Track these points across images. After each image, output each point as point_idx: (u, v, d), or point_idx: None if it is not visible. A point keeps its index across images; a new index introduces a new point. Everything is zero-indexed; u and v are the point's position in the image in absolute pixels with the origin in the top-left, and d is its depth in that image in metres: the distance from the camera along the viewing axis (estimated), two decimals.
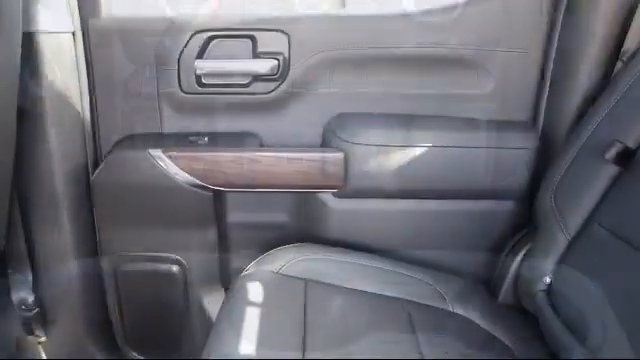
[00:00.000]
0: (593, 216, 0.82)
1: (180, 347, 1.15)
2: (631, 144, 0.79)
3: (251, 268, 0.91)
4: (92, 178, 1.01)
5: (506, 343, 0.84)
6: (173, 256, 1.06)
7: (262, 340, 0.73)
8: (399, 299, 0.88)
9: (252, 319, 0.78)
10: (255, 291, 0.84)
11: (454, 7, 0.98)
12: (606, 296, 0.73)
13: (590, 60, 0.92)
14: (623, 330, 0.67)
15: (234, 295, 0.85)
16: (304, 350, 0.72)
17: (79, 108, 1.00)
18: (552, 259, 0.86)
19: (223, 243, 1.07)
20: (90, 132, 1.03)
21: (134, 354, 1.18)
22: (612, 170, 0.80)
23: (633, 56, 0.86)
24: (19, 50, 0.78)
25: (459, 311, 0.89)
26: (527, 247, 0.94)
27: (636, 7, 0.86)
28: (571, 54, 0.94)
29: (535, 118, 1.03)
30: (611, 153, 0.79)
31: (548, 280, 0.86)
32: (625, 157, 0.79)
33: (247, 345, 0.72)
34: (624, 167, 0.79)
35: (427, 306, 0.87)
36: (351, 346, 0.74)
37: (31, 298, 1.07)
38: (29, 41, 0.86)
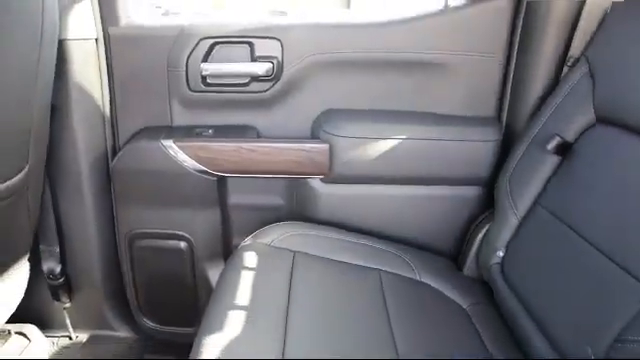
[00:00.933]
0: (538, 199, 0.96)
1: (186, 313, 1.31)
2: (569, 138, 0.92)
3: (248, 241, 1.06)
4: (112, 165, 1.16)
5: (463, 307, 0.98)
6: (181, 233, 1.21)
7: (254, 300, 0.88)
8: (373, 269, 1.02)
9: (246, 284, 0.93)
10: (250, 260, 0.99)
11: (428, 16, 1.12)
12: (547, 267, 0.87)
13: (544, 64, 1.05)
14: (562, 297, 0.81)
15: (232, 264, 1.00)
16: (288, 308, 0.86)
17: (101, 105, 1.16)
18: (505, 236, 1.00)
19: (225, 222, 1.22)
20: (110, 125, 1.18)
21: (145, 320, 1.33)
22: (553, 160, 0.94)
23: (576, 62, 1.00)
24: (55, 55, 0.93)
25: (425, 280, 1.04)
26: (487, 226, 1.09)
27: (579, 17, 0.99)
28: (529, 58, 1.08)
29: (499, 114, 1.17)
30: (552, 145, 0.93)
31: (501, 254, 1.00)
32: (564, 149, 0.92)
33: (241, 305, 0.87)
34: (563, 157, 0.93)
35: (396, 275, 1.02)
36: (328, 306, 0.89)
37: (58, 268, 1.23)
38: (61, 47, 1.01)
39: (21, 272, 1.11)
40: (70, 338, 1.34)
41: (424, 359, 0.78)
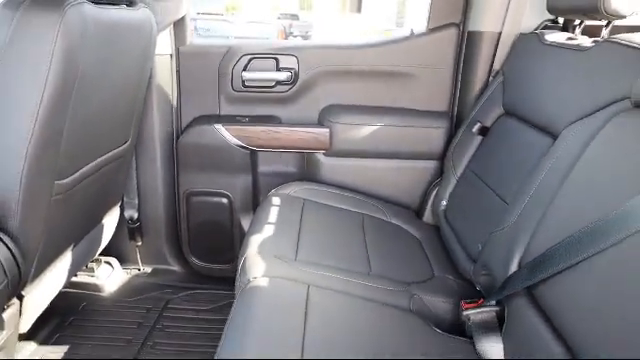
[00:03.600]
0: (468, 165, 1.43)
1: (224, 253, 1.78)
2: (487, 124, 1.40)
3: (271, 194, 1.54)
4: (177, 141, 1.66)
5: (418, 238, 1.45)
6: (224, 192, 1.70)
7: (277, 228, 1.32)
8: (359, 213, 1.49)
9: (271, 220, 1.39)
10: (273, 206, 1.46)
11: (399, 40, 1.61)
12: (469, 208, 1.34)
13: (478, 75, 1.53)
14: (476, 224, 1.25)
15: (259, 211, 1.46)
16: (299, 233, 1.30)
17: (171, 99, 1.66)
18: (448, 191, 1.47)
19: (255, 184, 1.71)
20: (176, 113, 1.68)
21: (193, 258, 1.81)
22: (478, 139, 1.42)
23: (496, 74, 1.47)
24: (151, 65, 1.43)
25: (394, 222, 1.51)
26: (438, 186, 1.56)
27: (498, 43, 1.46)
28: (468, 71, 1.56)
29: (450, 109, 1.65)
30: (476, 128, 1.40)
31: (444, 203, 1.48)
32: (484, 131, 1.40)
33: (268, 234, 1.30)
34: (484, 136, 1.40)
35: (373, 217, 1.49)
36: (327, 233, 1.35)
37: (136, 216, 1.72)
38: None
39: (113, 216, 1.61)
40: (139, 270, 1.83)
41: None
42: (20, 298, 1.08)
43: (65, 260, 1.29)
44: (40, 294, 1.19)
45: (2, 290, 0.93)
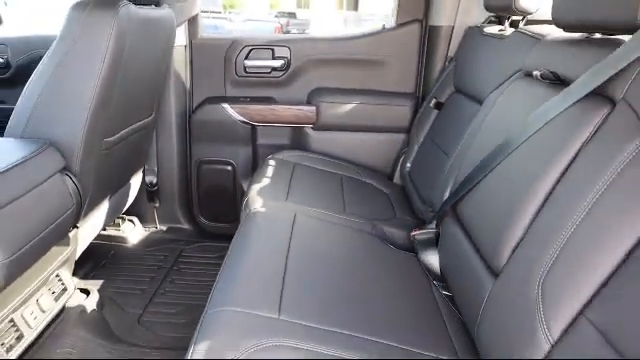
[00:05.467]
0: (427, 134, 1.78)
1: (227, 213, 2.12)
2: (442, 100, 1.74)
3: (267, 159, 1.87)
4: (190, 118, 2.00)
5: (387, 193, 1.79)
6: (229, 160, 2.04)
7: (271, 185, 1.65)
8: (337, 174, 1.83)
9: (267, 177, 1.72)
10: (269, 169, 1.79)
11: (373, 33, 1.95)
12: (427, 167, 1.68)
13: (437, 62, 1.87)
14: (432, 178, 1.59)
15: (258, 171, 1.80)
16: (289, 187, 1.64)
17: (185, 82, 2.00)
18: (411, 156, 1.81)
19: (255, 153, 2.05)
20: (189, 94, 2.02)
21: (201, 217, 2.15)
22: (434, 112, 1.76)
23: (451, 60, 1.81)
24: (172, 54, 1.76)
25: (367, 181, 1.85)
26: (405, 153, 1.90)
27: (452, 34, 1.80)
28: (430, 59, 1.90)
29: (416, 90, 1.99)
30: (432, 103, 1.74)
31: (409, 166, 1.82)
32: (439, 106, 1.74)
33: (263, 185, 1.64)
34: (439, 110, 1.75)
35: (350, 177, 1.83)
36: (312, 188, 1.69)
37: (154, 180, 2.06)
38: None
39: (137, 179, 1.94)
40: (156, 227, 2.16)
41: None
42: (76, 228, 1.42)
43: (104, 207, 1.63)
44: (88, 229, 1.53)
45: (71, 212, 1.26)
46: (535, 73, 1.02)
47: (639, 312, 0.62)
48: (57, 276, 1.34)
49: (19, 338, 1.16)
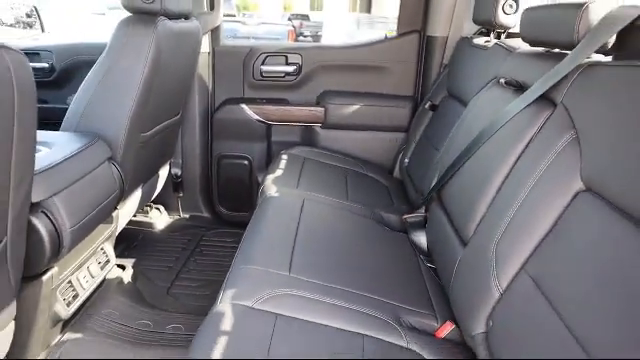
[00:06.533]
0: (423, 133, 1.99)
1: (244, 203, 2.35)
2: (436, 102, 1.95)
3: (280, 153, 2.10)
4: (212, 117, 2.24)
5: (386, 185, 2.00)
6: (246, 155, 2.27)
7: (284, 175, 1.88)
8: (343, 168, 2.05)
9: (280, 168, 1.95)
10: (282, 162, 2.02)
11: (376, 42, 2.17)
12: (425, 165, 1.89)
13: (434, 68, 2.09)
14: (425, 172, 1.81)
15: (272, 164, 2.02)
16: (298, 181, 1.86)
17: (207, 85, 2.24)
18: (409, 153, 2.03)
19: (269, 149, 2.28)
20: (212, 96, 2.26)
21: (220, 207, 2.39)
22: (429, 113, 1.97)
23: (445, 67, 2.02)
24: (197, 60, 2.00)
25: (369, 174, 2.06)
26: (404, 150, 2.12)
27: (447, 43, 2.01)
28: (427, 65, 2.11)
29: (415, 94, 2.20)
30: (427, 105, 1.96)
31: (407, 161, 2.03)
32: (434, 108, 1.95)
33: (276, 175, 1.87)
34: (434, 112, 1.96)
35: (354, 171, 2.05)
36: (319, 177, 1.91)
37: (179, 172, 2.30)
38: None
39: (164, 172, 2.19)
40: (179, 215, 2.41)
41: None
42: (117, 209, 1.66)
43: (137, 194, 1.87)
44: (124, 212, 1.77)
45: (115, 195, 1.50)
46: (501, 80, 1.23)
47: (561, 265, 0.83)
48: (102, 249, 1.58)
49: (75, 297, 1.39)
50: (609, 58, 0.99)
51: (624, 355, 0.64)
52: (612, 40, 0.94)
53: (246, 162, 2.30)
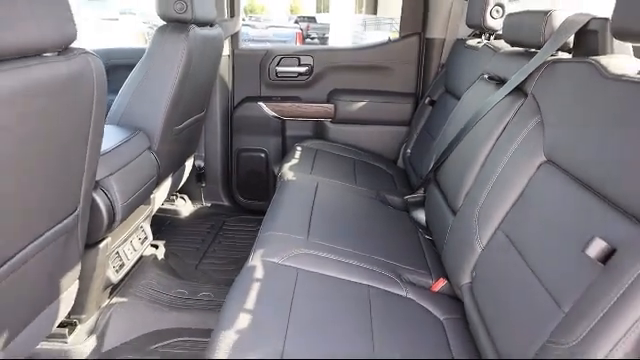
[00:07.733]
0: (423, 126, 2.20)
1: (261, 193, 2.58)
2: (435, 98, 2.17)
3: (294, 146, 2.32)
4: (232, 113, 2.47)
5: (390, 173, 2.22)
6: (263, 148, 2.50)
7: (297, 168, 2.10)
8: (350, 158, 2.27)
9: (295, 158, 2.18)
10: (296, 151, 2.24)
11: (381, 44, 2.39)
12: (421, 151, 2.11)
13: (432, 68, 2.30)
14: (424, 158, 2.03)
15: (287, 155, 2.25)
16: (312, 169, 2.08)
17: (228, 84, 2.47)
18: (411, 144, 2.25)
19: (284, 143, 2.51)
20: (231, 95, 2.49)
21: (239, 196, 2.62)
22: (429, 108, 2.19)
23: (443, 66, 2.23)
24: (220, 62, 2.24)
25: (376, 164, 2.28)
26: (406, 142, 2.33)
27: (444, 44, 2.22)
28: (427, 66, 2.32)
29: (416, 91, 2.42)
30: (427, 101, 2.17)
31: (409, 151, 2.25)
32: (432, 103, 2.17)
33: (292, 164, 2.09)
34: (432, 106, 2.17)
35: (362, 161, 2.26)
36: (330, 166, 2.13)
37: (202, 164, 2.54)
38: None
39: (189, 164, 2.42)
40: (202, 204, 2.64)
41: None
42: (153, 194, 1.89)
43: (168, 181, 2.11)
44: (158, 197, 2.00)
45: (153, 181, 1.73)
46: (486, 76, 1.45)
47: (528, 222, 1.04)
48: (141, 227, 1.81)
49: (121, 266, 1.63)
50: (571, 55, 1.21)
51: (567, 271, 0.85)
52: (571, 40, 1.15)
53: (263, 155, 2.52)
